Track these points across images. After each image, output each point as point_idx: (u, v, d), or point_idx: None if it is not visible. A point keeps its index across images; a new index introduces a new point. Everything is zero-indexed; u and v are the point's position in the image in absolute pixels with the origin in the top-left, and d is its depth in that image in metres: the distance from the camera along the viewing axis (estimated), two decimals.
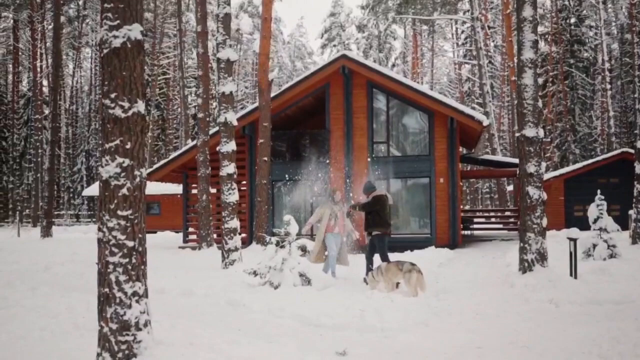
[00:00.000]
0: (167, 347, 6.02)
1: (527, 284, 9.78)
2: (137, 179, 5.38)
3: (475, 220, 28.78)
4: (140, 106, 5.40)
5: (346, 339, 7.02)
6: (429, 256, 15.25)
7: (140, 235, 5.42)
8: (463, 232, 24.78)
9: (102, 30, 5.37)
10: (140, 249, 5.42)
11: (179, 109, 55.79)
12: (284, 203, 20.32)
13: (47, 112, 52.83)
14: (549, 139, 44.87)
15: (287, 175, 19.65)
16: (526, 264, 10.68)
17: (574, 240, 9.79)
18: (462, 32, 48.61)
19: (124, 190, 5.31)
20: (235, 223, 12.72)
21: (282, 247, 9.97)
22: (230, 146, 12.79)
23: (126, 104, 5.31)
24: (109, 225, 5.30)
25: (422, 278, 9.49)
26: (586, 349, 6.31)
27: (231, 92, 12.81)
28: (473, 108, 43.49)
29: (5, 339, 7.05)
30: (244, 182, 20.50)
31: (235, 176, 12.85)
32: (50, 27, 55.17)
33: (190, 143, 21.22)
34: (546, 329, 7.32)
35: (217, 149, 13.05)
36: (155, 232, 33.74)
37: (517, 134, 10.97)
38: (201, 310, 8.94)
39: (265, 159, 17.55)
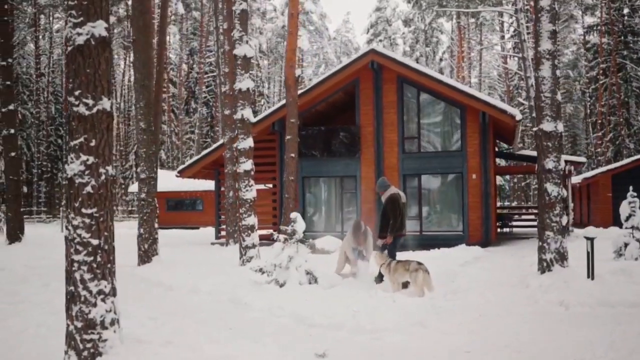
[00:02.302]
0: (143, 345, 5.99)
1: (542, 285, 9.40)
2: (103, 177, 5.35)
3: (517, 217, 27.99)
4: (106, 103, 5.36)
5: (335, 339, 6.86)
6: (455, 254, 14.94)
7: (106, 234, 5.38)
8: (501, 229, 24.19)
9: (67, 28, 5.35)
10: (106, 247, 5.39)
11: None
12: (316, 199, 20.19)
13: None
14: (600, 133, 43.40)
15: (317, 172, 19.56)
16: (545, 264, 10.27)
17: (590, 240, 9.32)
18: (511, 24, 47.44)
19: (89, 188, 5.28)
20: (252, 220, 12.68)
21: (297, 243, 9.88)
22: (247, 143, 12.75)
23: (90, 102, 5.28)
24: (74, 223, 5.29)
25: (428, 278, 9.22)
26: (580, 354, 6.00)
27: (248, 89, 12.76)
28: (520, 102, 42.41)
29: (2, 335, 7.19)
30: (275, 178, 20.49)
31: (252, 173, 12.81)
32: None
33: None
34: (547, 331, 6.99)
35: (235, 145, 13.05)
36: (197, 228, 34.30)
37: (534, 129, 10.53)
38: (203, 307, 8.92)
39: (293, 155, 17.43)
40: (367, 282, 10.20)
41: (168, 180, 32.86)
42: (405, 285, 9.68)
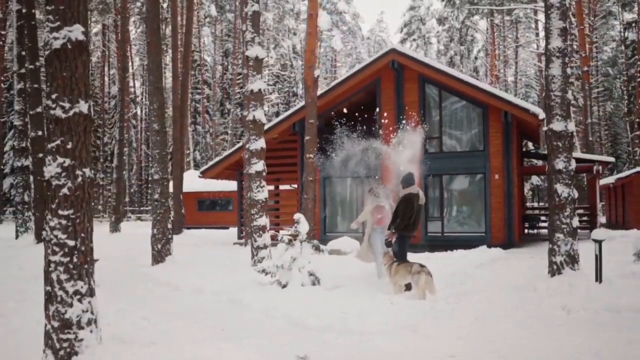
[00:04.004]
0: (124, 345, 6.06)
1: (549, 288, 9.20)
2: (79, 179, 5.42)
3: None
4: (83, 106, 5.43)
5: (321, 341, 6.84)
6: (472, 256, 14.72)
7: (83, 235, 5.45)
8: (530, 230, 23.75)
9: (45, 33, 5.44)
10: (82, 248, 5.45)
11: None
12: (337, 200, 20.14)
13: (133, 111, 55.33)
14: (639, 132, 42.22)
15: (338, 172, 19.49)
16: (555, 267, 10.03)
17: (598, 242, 9.07)
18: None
19: (65, 190, 5.36)
20: (264, 221, 12.72)
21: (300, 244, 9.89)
22: (259, 144, 12.79)
23: (67, 105, 5.36)
24: (51, 224, 5.39)
25: (431, 280, 9.09)
26: None
27: (260, 90, 12.80)
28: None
29: (1, 332, 7.37)
30: (297, 178, 20.54)
31: (264, 174, 12.84)
32: (138, 30, 57.85)
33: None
34: (542, 337, 6.82)
35: (247, 146, 13.12)
36: (227, 228, 34.57)
37: (544, 128, 10.30)
38: (203, 308, 8.99)
39: (311, 155, 17.46)
40: (372, 283, 10.12)
41: (199, 181, 33.25)
42: (409, 287, 9.58)
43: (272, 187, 23.49)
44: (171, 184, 30.63)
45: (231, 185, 34.22)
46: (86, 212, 5.48)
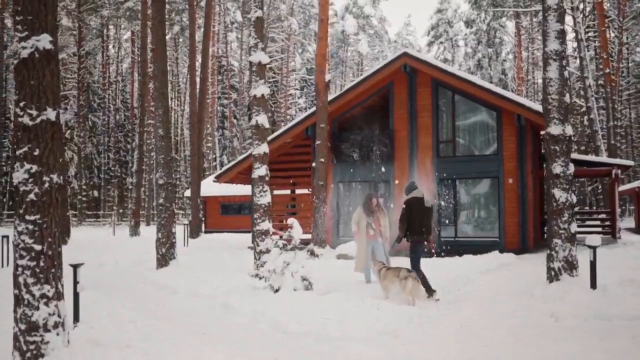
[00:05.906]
0: (97, 348, 6.15)
1: (544, 295, 9.08)
2: (47, 185, 5.54)
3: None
4: (50, 114, 5.54)
5: (297, 346, 6.85)
6: (480, 261, 14.57)
7: (50, 239, 5.55)
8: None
9: (15, 42, 5.57)
10: (49, 252, 5.55)
11: (285, 111, 57.08)
12: (350, 205, 20.10)
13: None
14: None
15: (351, 177, 19.48)
16: (553, 273, 9.91)
17: (592, 248, 8.90)
18: (574, 27, 45.66)
19: (32, 196, 5.47)
20: (266, 225, 12.76)
21: (287, 250, 9.91)
22: (262, 148, 12.84)
23: (34, 112, 5.47)
24: (19, 229, 5.50)
25: (418, 286, 9.03)
26: None
27: (263, 95, 12.86)
28: (579, 104, 40.79)
29: None
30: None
31: (267, 178, 12.89)
32: (168, 37, 58.67)
33: None
34: (522, 345, 6.70)
35: (250, 151, 13.20)
36: (248, 232, 34.72)
37: (542, 132, 10.15)
38: (194, 311, 9.09)
39: (322, 160, 17.49)
40: (366, 288, 10.10)
41: (223, 185, 33.47)
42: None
43: (288, 192, 23.64)
44: (189, 189, 30.95)
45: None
46: (53, 217, 5.59)
